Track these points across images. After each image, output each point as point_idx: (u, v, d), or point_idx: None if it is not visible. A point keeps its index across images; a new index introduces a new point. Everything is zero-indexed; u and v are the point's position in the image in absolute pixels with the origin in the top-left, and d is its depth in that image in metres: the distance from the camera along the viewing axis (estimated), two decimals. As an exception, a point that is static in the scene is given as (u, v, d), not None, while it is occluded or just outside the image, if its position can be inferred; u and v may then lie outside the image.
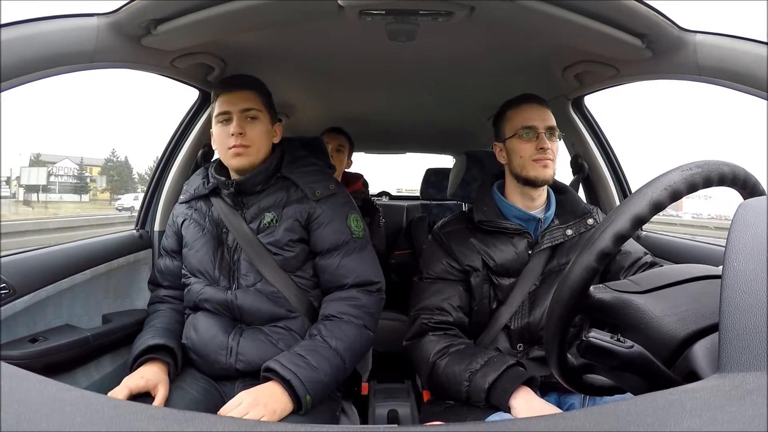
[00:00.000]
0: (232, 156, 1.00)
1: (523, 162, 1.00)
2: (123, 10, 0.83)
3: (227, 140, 0.99)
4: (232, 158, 1.00)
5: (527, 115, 1.02)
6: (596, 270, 0.46)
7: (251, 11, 0.85)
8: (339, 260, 1.02)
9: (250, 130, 1.00)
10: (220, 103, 1.01)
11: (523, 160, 1.00)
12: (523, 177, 1.01)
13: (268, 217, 1.02)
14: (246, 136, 0.99)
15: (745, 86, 0.80)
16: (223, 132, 1.00)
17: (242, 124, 0.99)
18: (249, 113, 1.00)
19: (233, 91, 1.01)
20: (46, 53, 0.75)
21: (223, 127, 1.00)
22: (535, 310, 0.99)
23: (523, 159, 1.00)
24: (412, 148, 3.13)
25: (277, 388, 0.85)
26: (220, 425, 0.26)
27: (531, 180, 1.00)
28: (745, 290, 0.31)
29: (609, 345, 0.45)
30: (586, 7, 0.81)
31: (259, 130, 1.02)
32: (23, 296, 0.97)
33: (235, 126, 0.98)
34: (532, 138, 1.00)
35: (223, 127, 1.00)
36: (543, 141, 0.99)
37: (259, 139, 1.01)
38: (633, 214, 0.45)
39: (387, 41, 1.01)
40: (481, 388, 0.86)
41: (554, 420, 0.28)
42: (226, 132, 0.99)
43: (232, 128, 0.98)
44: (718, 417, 0.25)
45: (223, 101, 1.01)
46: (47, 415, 0.25)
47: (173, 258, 1.12)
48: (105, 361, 1.17)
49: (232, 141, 0.98)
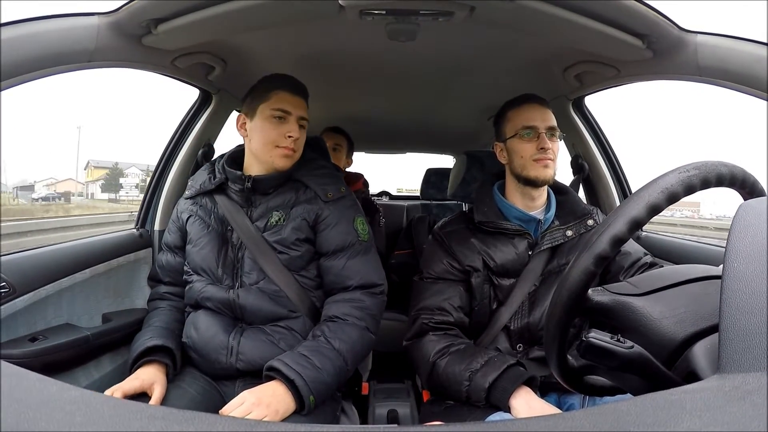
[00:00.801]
0: (280, 155, 1.01)
1: (524, 162, 1.01)
2: (123, 9, 0.83)
3: (280, 139, 1.01)
4: (279, 158, 1.02)
5: (528, 115, 1.02)
6: (594, 273, 0.46)
7: (251, 11, 0.85)
8: (344, 262, 1.02)
9: (300, 137, 1.04)
10: (281, 100, 1.02)
11: (524, 160, 1.01)
12: (523, 177, 1.01)
13: (275, 216, 1.02)
14: (298, 141, 1.03)
15: (746, 87, 0.80)
16: (277, 129, 1.01)
17: (297, 129, 1.02)
18: (302, 122, 1.05)
19: (296, 95, 1.04)
20: (47, 52, 0.75)
21: (278, 125, 1.01)
22: (535, 311, 0.99)
23: (524, 159, 1.01)
24: (412, 148, 3.13)
25: (281, 387, 0.85)
26: (220, 425, 0.26)
27: (532, 180, 1.00)
28: (746, 291, 0.31)
29: (609, 345, 0.45)
30: (586, 7, 0.81)
31: (304, 138, 1.07)
32: (23, 295, 0.97)
33: (294, 130, 1.02)
34: (533, 138, 1.00)
35: (278, 125, 1.01)
36: (544, 141, 0.99)
37: (302, 146, 1.07)
38: (630, 218, 0.45)
39: (387, 41, 1.01)
40: (481, 388, 0.86)
41: (554, 420, 0.28)
42: (281, 131, 1.01)
43: (291, 131, 1.01)
44: (718, 417, 0.24)
45: (284, 99, 1.02)
46: (47, 414, 0.25)
47: (175, 254, 1.12)
48: (105, 361, 1.17)
49: (287, 142, 1.01)
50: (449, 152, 3.02)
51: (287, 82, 1.05)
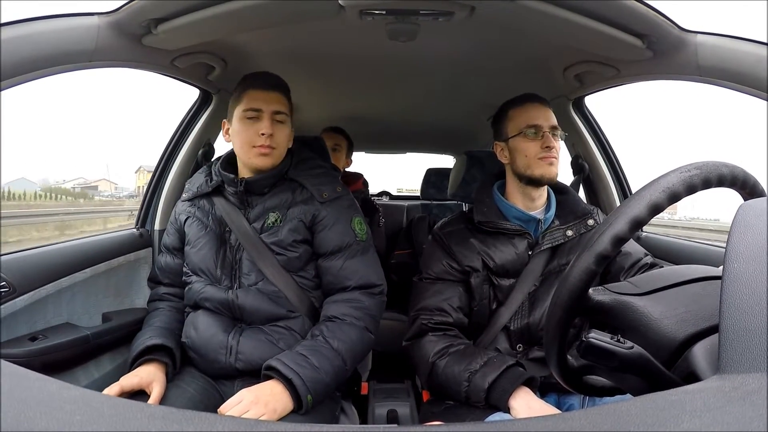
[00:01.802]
0: (256, 155, 0.99)
1: (528, 161, 1.00)
2: (123, 9, 0.83)
3: (254, 138, 0.98)
4: (256, 157, 0.99)
5: (532, 114, 1.02)
6: (595, 273, 0.46)
7: (252, 11, 0.85)
8: (342, 262, 1.02)
9: (278, 133, 0.99)
10: (251, 99, 0.99)
11: (529, 158, 1.00)
12: (527, 176, 1.01)
13: (272, 217, 1.02)
14: (274, 137, 0.99)
15: (746, 87, 0.80)
16: (250, 129, 0.99)
17: (272, 125, 0.98)
18: (278, 116, 1.00)
19: (267, 90, 1.00)
20: (47, 52, 0.75)
21: (251, 124, 0.99)
22: (535, 311, 0.99)
23: (529, 158, 1.00)
24: (412, 148, 3.13)
25: (279, 386, 0.85)
26: (219, 424, 0.26)
27: (536, 178, 1.00)
28: (746, 291, 0.31)
29: (609, 346, 0.45)
30: (586, 7, 0.81)
31: (285, 133, 1.02)
32: (23, 294, 0.97)
33: (267, 126, 0.97)
34: (538, 137, 1.00)
35: (251, 124, 0.99)
36: (548, 139, 0.99)
37: (284, 142, 1.02)
38: (631, 217, 0.45)
39: (387, 41, 1.01)
40: (480, 388, 0.86)
41: (554, 420, 0.28)
42: (254, 130, 0.98)
43: (264, 128, 0.97)
44: (718, 418, 0.24)
45: (254, 98, 0.99)
46: (47, 414, 0.25)
47: (174, 256, 1.12)
48: (105, 360, 1.17)
49: (261, 141, 0.97)
50: (449, 152, 3.02)
51: (257, 79, 1.02)
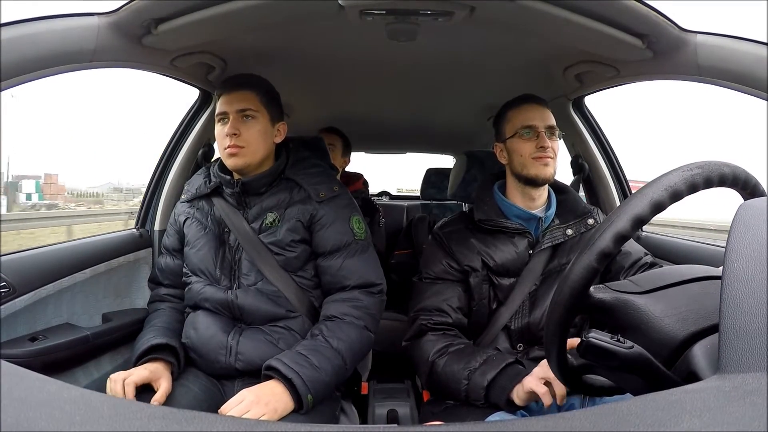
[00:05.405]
0: (227, 156, 1.01)
1: (524, 160, 1.01)
2: (123, 9, 0.83)
3: (224, 141, 1.00)
4: (227, 158, 1.01)
5: (527, 115, 1.02)
6: (596, 270, 0.46)
7: (251, 11, 0.85)
8: (341, 262, 1.02)
9: (245, 131, 1.00)
10: (220, 103, 1.02)
11: (524, 158, 1.01)
12: (523, 176, 1.01)
13: (270, 217, 1.02)
14: (241, 136, 0.99)
15: (746, 87, 0.80)
16: (221, 132, 1.01)
17: (237, 125, 0.99)
18: (245, 113, 1.00)
19: (231, 91, 1.02)
20: (47, 53, 0.75)
21: (221, 128, 1.01)
22: (536, 310, 0.99)
23: (524, 158, 1.01)
24: (412, 148, 3.12)
25: (279, 386, 0.85)
26: (219, 424, 0.26)
27: (532, 178, 1.00)
28: (746, 291, 0.31)
29: (609, 345, 0.45)
30: (586, 7, 0.81)
31: (256, 130, 1.01)
32: (23, 295, 0.97)
33: (229, 126, 0.99)
34: (533, 137, 1.01)
35: (221, 128, 1.01)
36: (543, 140, 1.00)
37: (256, 139, 1.01)
38: (633, 215, 0.45)
39: (387, 41, 1.01)
40: (479, 386, 0.86)
41: (554, 420, 0.28)
42: (223, 132, 1.00)
43: (227, 128, 0.99)
44: (718, 418, 0.25)
45: (222, 102, 1.02)
46: (47, 414, 0.25)
47: (174, 257, 1.12)
48: (105, 360, 1.17)
49: (227, 141, 0.99)
50: (449, 152, 3.02)
51: (226, 82, 1.04)
